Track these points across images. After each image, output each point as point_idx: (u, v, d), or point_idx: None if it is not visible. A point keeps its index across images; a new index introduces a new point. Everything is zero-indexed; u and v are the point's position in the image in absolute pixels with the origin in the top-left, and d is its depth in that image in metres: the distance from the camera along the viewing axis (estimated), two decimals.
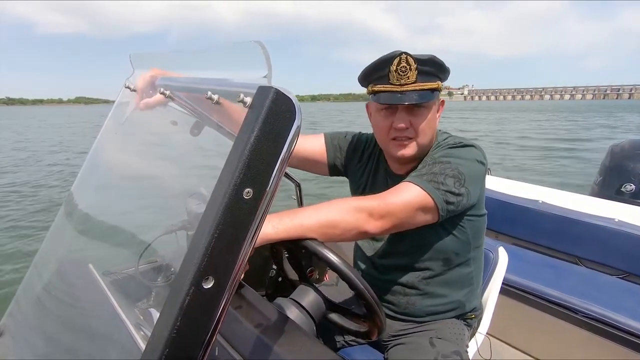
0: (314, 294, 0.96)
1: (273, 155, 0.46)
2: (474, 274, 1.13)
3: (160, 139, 1.05)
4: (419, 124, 1.00)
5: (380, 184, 1.17)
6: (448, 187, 0.93)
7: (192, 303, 0.42)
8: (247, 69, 0.53)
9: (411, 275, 1.10)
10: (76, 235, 1.02)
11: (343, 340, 1.21)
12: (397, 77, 0.96)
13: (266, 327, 0.81)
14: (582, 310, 1.61)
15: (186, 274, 0.42)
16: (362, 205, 0.87)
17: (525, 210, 2.34)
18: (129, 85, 0.86)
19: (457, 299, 1.12)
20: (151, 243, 0.98)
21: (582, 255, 2.15)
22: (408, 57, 0.94)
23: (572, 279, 1.83)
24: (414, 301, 1.11)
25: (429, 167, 0.97)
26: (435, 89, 0.98)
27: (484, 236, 1.15)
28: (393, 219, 0.89)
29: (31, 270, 0.97)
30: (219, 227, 0.43)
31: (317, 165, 1.26)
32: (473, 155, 1.00)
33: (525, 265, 1.92)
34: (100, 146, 1.03)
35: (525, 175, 8.47)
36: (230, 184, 0.43)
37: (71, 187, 1.03)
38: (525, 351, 1.80)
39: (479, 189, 1.02)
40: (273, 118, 0.45)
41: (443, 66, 0.98)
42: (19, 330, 0.91)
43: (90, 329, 0.83)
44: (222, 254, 0.43)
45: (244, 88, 0.49)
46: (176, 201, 1.01)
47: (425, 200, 0.91)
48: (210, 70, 0.68)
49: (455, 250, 1.07)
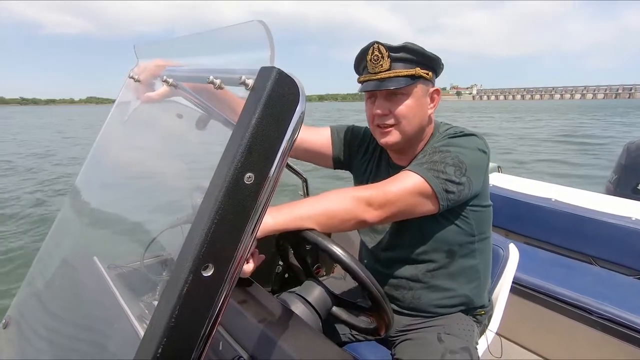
0: (319, 289, 0.94)
1: (276, 139, 0.44)
2: (480, 267, 1.11)
3: (165, 132, 1.04)
4: (398, 110, 1.00)
5: (382, 176, 1.16)
6: (448, 175, 0.92)
7: (191, 291, 0.41)
8: (250, 51, 0.51)
9: (415, 268, 1.09)
10: (81, 228, 1.02)
11: (350, 334, 1.19)
12: (372, 66, 0.99)
13: (271, 322, 0.80)
14: (596, 310, 1.56)
15: (185, 261, 0.41)
16: (361, 195, 0.87)
17: (537, 208, 2.29)
18: (133, 75, 0.86)
19: (464, 292, 1.10)
20: (156, 237, 0.97)
21: (596, 255, 2.10)
22: (380, 45, 0.97)
23: (586, 278, 1.78)
24: (420, 295, 1.10)
25: (429, 156, 0.96)
26: (413, 75, 0.98)
27: (490, 229, 1.13)
28: (392, 208, 0.89)
29: (36, 263, 0.97)
30: (219, 212, 0.41)
31: (321, 157, 1.25)
32: (474, 144, 0.98)
33: (536, 264, 1.88)
34: (104, 138, 1.03)
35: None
36: (231, 168, 0.41)
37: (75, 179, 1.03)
38: (536, 352, 1.76)
39: (482, 179, 1.01)
40: (276, 100, 0.43)
41: (422, 52, 0.98)
42: (24, 322, 0.91)
43: (94, 322, 0.83)
44: (223, 241, 0.42)
45: (245, 72, 0.48)
46: (181, 194, 1.00)
47: (423, 188, 0.90)
48: (214, 55, 0.66)
49: (458, 241, 1.05)
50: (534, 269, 1.81)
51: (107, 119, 1.02)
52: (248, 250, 0.45)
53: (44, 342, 0.85)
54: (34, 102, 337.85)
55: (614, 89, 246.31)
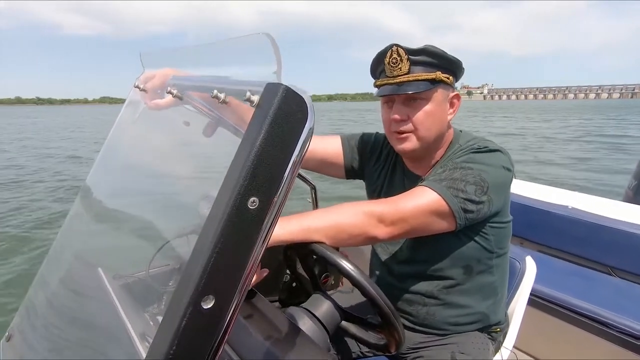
0: (328, 303, 0.92)
1: (282, 161, 0.41)
2: (497, 283, 1.07)
3: (172, 140, 1.03)
4: (416, 116, 0.96)
5: (397, 185, 1.12)
6: (468, 194, 0.87)
7: (190, 325, 0.38)
8: (257, 64, 0.48)
9: (430, 284, 1.04)
10: (86, 238, 1.00)
11: (359, 351, 1.16)
12: (390, 69, 0.95)
13: (277, 338, 0.78)
14: (615, 324, 1.50)
15: (183, 293, 0.38)
16: (373, 210, 0.84)
17: (553, 215, 2.22)
18: (139, 84, 0.84)
19: (481, 310, 1.05)
20: (162, 247, 0.95)
21: (615, 265, 2.02)
22: (399, 48, 0.93)
23: (605, 290, 1.71)
24: (434, 312, 1.05)
25: (449, 171, 0.91)
26: (433, 80, 0.94)
27: (509, 243, 1.08)
28: (404, 225, 0.85)
29: (41, 273, 0.96)
30: (221, 240, 0.38)
31: (332, 167, 1.21)
32: (499, 161, 0.93)
33: (552, 274, 1.82)
34: (111, 146, 1.02)
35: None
36: (234, 192, 0.38)
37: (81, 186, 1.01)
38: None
39: (504, 196, 0.96)
40: (282, 119, 0.40)
41: (443, 55, 0.94)
42: (28, 335, 0.90)
43: (96, 338, 0.81)
44: (224, 271, 0.39)
45: (251, 85, 0.45)
46: (188, 203, 0.98)
47: (440, 206, 0.86)
48: (220, 66, 0.64)
49: (477, 257, 1.01)
50: (550, 279, 1.75)
51: (113, 127, 1.01)
52: (251, 278, 0.42)
53: (47, 355, 0.84)
54: (49, 102, 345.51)
55: (630, 88, 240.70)
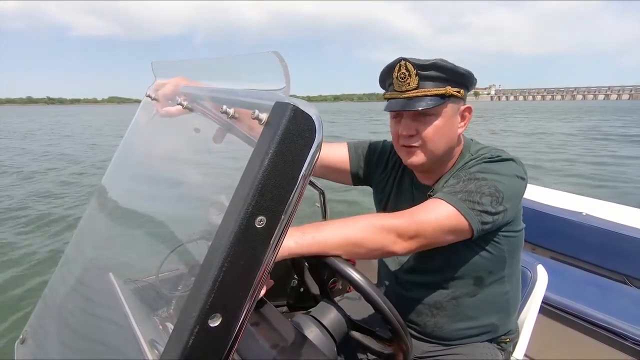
0: (335, 312, 0.91)
1: (290, 179, 0.41)
2: (510, 294, 1.05)
3: (183, 146, 1.04)
4: (425, 132, 0.94)
5: (405, 194, 1.11)
6: (484, 206, 0.86)
7: (197, 344, 0.38)
8: (266, 81, 0.49)
9: (439, 294, 1.03)
10: (98, 242, 1.02)
11: (366, 359, 1.15)
12: (398, 84, 0.93)
13: (284, 347, 0.78)
14: (631, 335, 1.46)
15: (191, 311, 0.38)
16: (391, 225, 0.81)
17: (567, 222, 2.18)
18: (150, 94, 0.85)
19: (491, 322, 1.04)
20: (172, 252, 0.97)
21: (631, 274, 1.97)
22: (407, 63, 0.90)
23: (620, 300, 1.67)
24: (442, 323, 1.04)
25: (463, 183, 0.89)
26: (443, 95, 0.92)
27: (521, 252, 1.06)
28: (422, 240, 0.83)
29: (55, 276, 0.98)
30: (228, 259, 0.38)
31: (340, 174, 1.21)
32: (513, 170, 0.91)
33: (565, 283, 1.78)
34: (124, 153, 1.03)
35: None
36: (242, 212, 0.39)
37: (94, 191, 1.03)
38: None
39: (518, 206, 0.95)
40: (290, 139, 0.40)
41: (453, 69, 0.91)
42: (41, 338, 0.92)
43: (106, 343, 0.82)
44: (231, 289, 0.39)
45: (260, 100, 0.45)
46: (197, 209, 0.99)
47: (458, 221, 0.85)
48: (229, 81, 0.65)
49: (488, 268, 0.99)
50: (563, 287, 1.71)
51: (125, 134, 1.02)
52: (258, 294, 0.43)
53: (60, 357, 0.86)
54: (59, 102, 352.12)
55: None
